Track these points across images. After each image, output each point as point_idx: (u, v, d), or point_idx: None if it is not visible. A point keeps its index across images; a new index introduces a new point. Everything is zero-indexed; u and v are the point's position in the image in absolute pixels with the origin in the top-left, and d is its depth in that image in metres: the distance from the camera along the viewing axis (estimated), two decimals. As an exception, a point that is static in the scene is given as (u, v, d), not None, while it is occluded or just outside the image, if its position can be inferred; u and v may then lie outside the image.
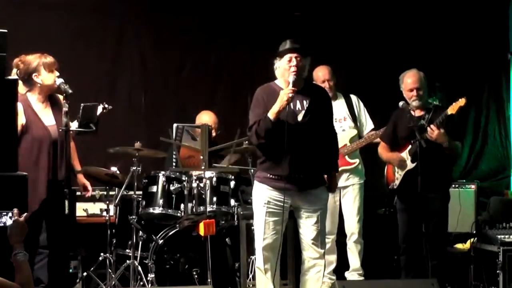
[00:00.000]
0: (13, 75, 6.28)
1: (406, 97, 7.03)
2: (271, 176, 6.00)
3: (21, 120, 6.23)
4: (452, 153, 7.02)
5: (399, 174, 7.11)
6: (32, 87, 6.43)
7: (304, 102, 6.01)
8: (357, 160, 7.77)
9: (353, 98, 7.86)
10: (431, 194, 6.81)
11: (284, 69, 5.96)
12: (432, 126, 6.74)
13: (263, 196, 6.03)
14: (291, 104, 5.92)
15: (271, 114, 5.83)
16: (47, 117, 6.44)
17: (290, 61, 5.93)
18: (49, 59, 6.41)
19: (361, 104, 7.86)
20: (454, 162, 7.96)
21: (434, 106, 7.12)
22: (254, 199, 6.13)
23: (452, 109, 6.81)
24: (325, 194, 6.19)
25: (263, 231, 6.00)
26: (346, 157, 7.68)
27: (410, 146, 6.99)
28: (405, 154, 7.05)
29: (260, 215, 6.04)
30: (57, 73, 6.39)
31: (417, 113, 7.01)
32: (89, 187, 6.92)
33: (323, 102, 6.15)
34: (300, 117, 5.97)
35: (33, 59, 6.39)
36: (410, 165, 7.00)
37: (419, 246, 6.98)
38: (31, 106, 6.39)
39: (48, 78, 6.39)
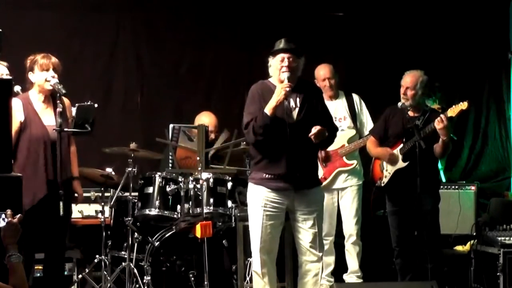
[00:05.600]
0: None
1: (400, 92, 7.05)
2: (267, 176, 5.94)
3: (20, 117, 6.32)
4: (443, 151, 6.96)
5: (388, 172, 7.09)
6: (30, 85, 6.49)
7: (298, 99, 5.99)
8: (354, 162, 7.73)
9: (355, 97, 7.82)
10: (423, 195, 6.77)
11: (276, 68, 5.97)
12: (442, 116, 6.67)
13: (260, 198, 5.96)
14: (285, 102, 5.89)
15: (268, 110, 5.81)
16: (47, 117, 6.45)
17: (282, 61, 5.93)
18: (45, 59, 6.43)
19: (363, 103, 7.83)
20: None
21: (430, 109, 7.11)
22: (250, 202, 6.06)
23: (452, 112, 6.76)
24: (320, 195, 6.18)
25: (260, 234, 5.94)
26: (344, 158, 7.64)
27: (401, 145, 6.97)
28: (396, 151, 7.02)
29: (256, 218, 5.97)
30: (51, 73, 6.36)
31: (412, 114, 6.99)
32: (80, 197, 6.84)
33: (315, 96, 6.13)
34: (295, 115, 5.94)
35: (32, 58, 6.48)
36: (401, 163, 6.96)
37: (413, 249, 6.95)
38: (32, 104, 6.44)
39: (39, 77, 6.42)
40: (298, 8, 9.21)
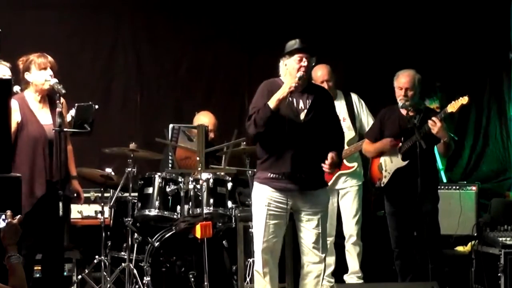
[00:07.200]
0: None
1: (396, 94, 6.98)
2: (272, 175, 5.92)
3: (17, 118, 6.27)
4: (447, 151, 6.94)
5: (387, 172, 7.06)
6: (26, 86, 6.44)
7: (307, 101, 5.97)
8: (355, 164, 7.70)
9: (354, 97, 7.79)
10: (422, 195, 6.73)
11: (293, 68, 5.92)
12: (434, 118, 6.65)
13: (264, 197, 5.94)
14: (294, 103, 5.90)
15: (272, 102, 5.79)
16: (43, 116, 6.43)
17: (300, 60, 5.90)
18: (42, 59, 6.39)
19: (362, 102, 7.80)
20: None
21: (425, 108, 7.09)
22: (254, 201, 6.05)
23: (452, 107, 6.72)
24: (326, 196, 6.15)
25: (263, 233, 5.92)
26: (345, 160, 7.58)
27: (400, 144, 6.94)
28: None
29: (260, 217, 5.96)
30: (50, 72, 6.34)
31: (410, 113, 6.95)
32: (82, 195, 6.84)
33: (325, 101, 6.11)
34: (302, 116, 5.92)
35: (27, 57, 6.42)
36: (401, 162, 6.93)
37: (413, 249, 6.93)
38: (28, 104, 6.40)
39: (37, 76, 6.37)
40: (297, 9, 9.18)
